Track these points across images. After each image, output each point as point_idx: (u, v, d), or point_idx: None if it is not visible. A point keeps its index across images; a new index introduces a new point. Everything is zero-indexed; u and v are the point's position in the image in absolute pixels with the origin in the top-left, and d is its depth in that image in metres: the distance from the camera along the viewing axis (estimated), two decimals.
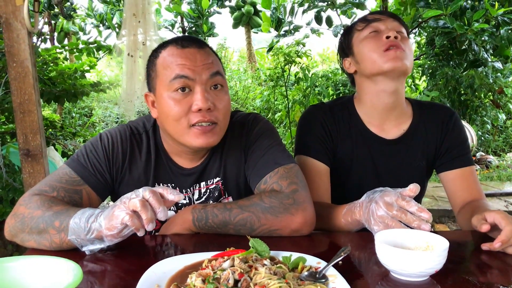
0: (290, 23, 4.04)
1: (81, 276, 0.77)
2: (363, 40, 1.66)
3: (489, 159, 6.87)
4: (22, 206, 1.29)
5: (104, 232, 1.10)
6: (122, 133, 1.49)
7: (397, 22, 1.67)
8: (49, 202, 1.27)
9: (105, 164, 1.44)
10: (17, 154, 3.44)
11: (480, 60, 3.88)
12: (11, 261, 0.86)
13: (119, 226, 1.08)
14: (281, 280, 0.88)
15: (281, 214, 1.30)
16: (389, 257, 1.03)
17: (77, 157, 1.43)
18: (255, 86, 9.79)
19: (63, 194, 1.34)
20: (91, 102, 9.77)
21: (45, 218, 1.21)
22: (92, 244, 1.15)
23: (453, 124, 1.73)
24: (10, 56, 2.32)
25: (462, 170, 1.70)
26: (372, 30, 1.65)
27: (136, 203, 1.06)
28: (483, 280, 1.04)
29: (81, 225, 1.13)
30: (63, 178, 1.38)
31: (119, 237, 1.12)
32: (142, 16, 3.08)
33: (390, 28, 1.63)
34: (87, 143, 1.48)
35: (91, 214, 1.15)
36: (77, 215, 1.16)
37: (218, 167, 1.51)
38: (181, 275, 1.00)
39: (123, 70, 3.25)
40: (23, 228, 1.24)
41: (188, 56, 1.36)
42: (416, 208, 1.20)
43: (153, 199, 1.08)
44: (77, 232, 1.14)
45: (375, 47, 1.61)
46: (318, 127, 1.72)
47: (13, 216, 1.29)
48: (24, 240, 1.25)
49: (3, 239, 3.74)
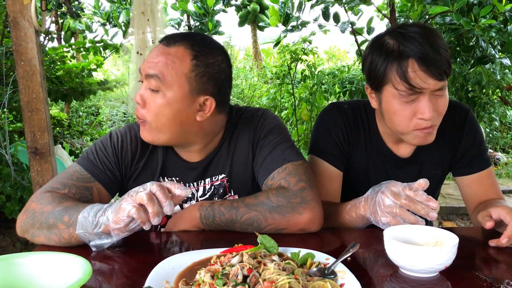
0: (297, 19, 4.03)
1: (91, 272, 0.78)
2: (396, 100, 1.43)
3: (497, 156, 6.82)
4: (34, 202, 1.30)
5: (111, 226, 1.10)
6: (132, 131, 1.50)
7: (442, 81, 1.38)
8: (60, 198, 1.28)
9: (114, 161, 1.45)
10: (25, 152, 3.46)
11: (487, 57, 3.84)
12: (21, 257, 0.86)
13: (126, 219, 1.08)
14: (290, 276, 0.88)
15: (289, 214, 1.30)
16: (398, 253, 1.02)
17: (87, 155, 1.45)
18: (261, 84, 9.76)
19: (74, 191, 1.35)
20: (98, 101, 9.79)
21: (55, 213, 1.22)
22: (100, 239, 1.16)
23: (468, 125, 1.64)
24: (18, 55, 2.33)
25: (479, 174, 1.63)
26: (411, 99, 1.41)
27: (143, 197, 1.07)
28: (492, 275, 1.03)
29: (89, 219, 1.14)
30: (74, 175, 1.39)
31: (126, 231, 1.12)
32: (151, 14, 3.09)
33: (429, 100, 1.38)
34: (97, 141, 1.50)
35: (99, 209, 1.15)
36: (86, 209, 1.17)
37: (225, 163, 1.51)
38: (189, 271, 1.00)
39: (131, 68, 3.26)
40: (33, 223, 1.25)
41: (153, 52, 1.40)
42: (424, 198, 1.20)
43: (160, 193, 1.09)
44: (85, 226, 1.14)
45: (405, 119, 1.43)
46: (336, 130, 1.63)
47: (24, 212, 1.30)
48: (34, 236, 1.26)
49: (12, 237, 3.77)
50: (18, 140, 4.10)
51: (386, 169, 1.66)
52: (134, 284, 0.97)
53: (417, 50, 1.36)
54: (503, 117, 7.12)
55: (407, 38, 1.39)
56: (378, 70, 1.44)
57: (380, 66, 1.43)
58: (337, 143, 1.63)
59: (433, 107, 1.40)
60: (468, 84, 5.56)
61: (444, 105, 1.45)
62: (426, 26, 1.44)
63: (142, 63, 1.40)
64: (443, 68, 1.37)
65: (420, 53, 1.35)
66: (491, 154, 6.85)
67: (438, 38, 1.39)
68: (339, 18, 3.91)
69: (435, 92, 1.40)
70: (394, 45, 1.41)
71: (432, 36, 1.39)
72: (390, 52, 1.41)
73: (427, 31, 1.40)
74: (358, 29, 4.06)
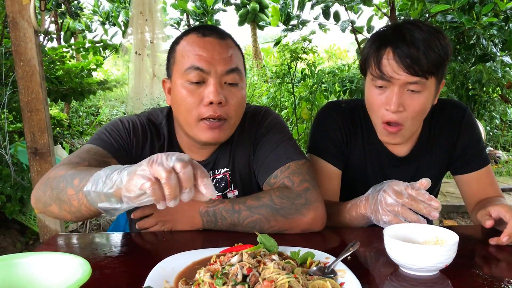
0: (298, 17, 4.03)
1: (90, 272, 0.77)
2: (369, 89, 1.50)
3: (498, 154, 6.82)
4: (51, 171, 1.21)
5: (122, 191, 0.92)
6: (141, 120, 1.48)
7: (416, 75, 1.38)
8: (76, 165, 1.19)
9: (127, 142, 1.41)
10: (25, 152, 3.46)
11: (488, 55, 3.84)
12: (20, 257, 0.86)
13: (137, 191, 0.89)
14: (290, 275, 0.88)
15: (292, 215, 1.29)
16: (398, 251, 1.02)
17: (99, 136, 1.38)
18: (261, 83, 9.76)
19: (94, 164, 1.25)
20: (98, 101, 9.80)
21: (66, 177, 1.10)
22: (109, 202, 0.97)
23: (465, 124, 1.63)
24: (17, 55, 2.33)
25: (478, 173, 1.63)
26: (380, 85, 1.45)
27: (161, 173, 0.86)
28: (492, 274, 1.03)
29: (102, 174, 0.97)
30: (91, 151, 1.31)
31: (137, 202, 0.92)
32: (149, 14, 3.09)
33: (397, 93, 1.40)
34: (106, 125, 1.44)
35: (117, 168, 0.97)
36: (104, 169, 1.00)
37: (227, 158, 1.50)
38: (189, 271, 1.00)
39: (131, 68, 3.26)
40: (45, 190, 1.15)
41: (206, 46, 1.33)
42: (426, 197, 1.19)
43: (184, 176, 0.87)
44: (96, 182, 0.97)
45: (375, 108, 1.49)
46: (334, 129, 1.64)
47: (40, 181, 1.21)
48: (47, 205, 1.15)
49: (13, 238, 3.77)
50: (18, 141, 4.10)
51: (383, 167, 1.66)
52: (133, 284, 0.97)
53: (397, 40, 1.39)
54: (504, 115, 7.12)
55: (398, 29, 1.42)
56: (365, 55, 1.50)
57: (366, 50, 1.50)
58: (335, 141, 1.63)
59: (403, 102, 1.41)
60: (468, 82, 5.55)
61: (420, 105, 1.43)
62: (432, 26, 1.44)
63: (199, 60, 1.32)
64: (421, 65, 1.36)
65: (398, 43, 1.38)
66: (492, 152, 6.85)
67: (435, 39, 1.38)
68: (339, 17, 3.91)
69: (410, 86, 1.40)
70: (382, 33, 1.46)
71: (428, 34, 1.39)
72: (376, 38, 1.48)
73: (426, 29, 1.40)
74: (358, 28, 4.06)
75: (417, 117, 1.47)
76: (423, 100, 1.43)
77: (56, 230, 2.47)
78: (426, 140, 1.64)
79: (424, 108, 1.45)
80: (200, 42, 1.34)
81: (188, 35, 1.38)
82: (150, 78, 3.16)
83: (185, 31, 1.42)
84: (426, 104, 1.45)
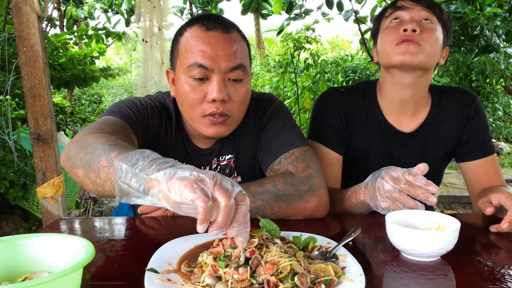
0: (301, 6, 4.01)
1: (94, 253, 0.78)
2: (384, 30, 1.58)
3: (500, 145, 6.83)
4: (91, 134, 1.11)
5: (161, 185, 0.80)
6: (155, 102, 1.47)
7: (427, 10, 1.52)
8: (117, 138, 1.12)
9: (146, 121, 1.38)
10: (28, 139, 3.47)
11: (492, 46, 3.82)
12: (24, 238, 0.86)
13: (181, 198, 0.77)
14: (292, 258, 0.88)
15: (295, 202, 1.30)
16: (400, 237, 1.03)
17: (119, 109, 1.32)
18: (264, 73, 9.74)
19: (123, 138, 1.18)
20: (101, 89, 9.81)
21: (105, 146, 1.03)
22: (132, 185, 0.84)
23: (474, 111, 1.65)
24: (20, 41, 2.32)
25: (483, 160, 1.65)
26: (394, 18, 1.55)
27: (224, 198, 0.77)
28: (493, 260, 1.04)
29: (140, 159, 0.86)
30: (116, 124, 1.23)
31: (170, 205, 0.80)
32: (157, 1, 3.07)
33: (412, 19, 1.51)
34: (123, 100, 1.40)
35: (160, 157, 0.87)
36: (147, 151, 0.90)
37: (232, 145, 1.51)
38: (192, 254, 1.00)
39: (135, 56, 3.26)
40: (79, 151, 1.07)
41: (210, 42, 1.30)
42: (424, 182, 1.20)
43: (242, 210, 0.81)
44: (129, 160, 0.86)
45: (391, 39, 1.52)
46: (333, 114, 1.66)
47: (76, 140, 1.13)
48: (74, 166, 1.08)
49: (16, 223, 3.79)
50: (21, 127, 4.11)
51: (389, 147, 1.67)
52: (136, 266, 0.97)
53: None
54: (507, 107, 7.11)
55: None
56: (376, 22, 1.65)
57: (376, 17, 1.66)
58: (334, 126, 1.65)
59: (421, 31, 1.49)
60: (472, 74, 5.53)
61: (434, 42, 1.52)
62: None
63: (203, 57, 1.29)
64: None
65: None
66: (494, 144, 6.85)
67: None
68: (342, 7, 3.89)
69: (422, 22, 1.52)
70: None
71: None
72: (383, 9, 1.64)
73: None
74: (361, 18, 4.04)
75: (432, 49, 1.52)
76: (437, 35, 1.53)
77: (59, 215, 2.48)
78: (435, 117, 1.66)
79: (438, 41, 1.54)
80: (203, 36, 1.31)
81: (192, 26, 1.35)
82: (158, 65, 3.14)
83: (189, 21, 1.39)
84: (438, 41, 1.54)
